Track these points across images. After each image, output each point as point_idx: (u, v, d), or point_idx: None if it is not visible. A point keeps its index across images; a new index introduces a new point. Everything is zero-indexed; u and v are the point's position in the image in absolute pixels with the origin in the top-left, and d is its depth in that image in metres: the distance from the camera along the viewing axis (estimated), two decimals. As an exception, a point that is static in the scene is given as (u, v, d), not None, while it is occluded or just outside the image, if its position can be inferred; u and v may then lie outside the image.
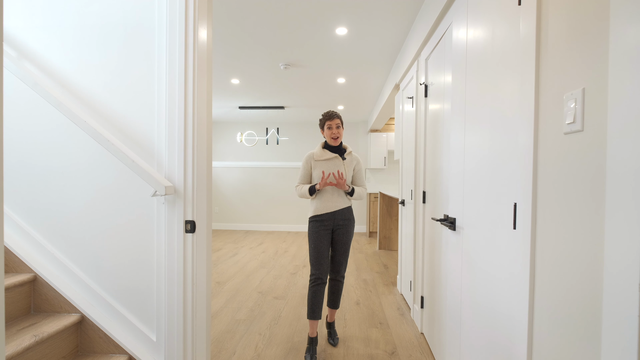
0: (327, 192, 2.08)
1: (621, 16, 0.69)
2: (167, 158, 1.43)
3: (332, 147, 2.12)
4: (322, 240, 2.05)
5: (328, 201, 2.08)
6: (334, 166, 2.08)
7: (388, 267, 4.14)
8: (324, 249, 2.04)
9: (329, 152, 2.10)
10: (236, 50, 3.20)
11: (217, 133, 7.13)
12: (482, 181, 1.31)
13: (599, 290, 0.74)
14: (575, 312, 0.81)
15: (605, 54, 0.74)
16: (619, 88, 0.69)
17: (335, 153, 2.11)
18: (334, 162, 2.10)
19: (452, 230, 1.60)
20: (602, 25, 0.75)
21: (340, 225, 2.10)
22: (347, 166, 2.12)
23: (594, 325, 0.76)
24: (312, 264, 2.05)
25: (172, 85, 1.42)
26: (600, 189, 0.74)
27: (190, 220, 1.42)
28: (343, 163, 2.11)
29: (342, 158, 2.12)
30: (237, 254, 4.85)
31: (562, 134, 0.86)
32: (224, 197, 7.14)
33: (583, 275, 0.79)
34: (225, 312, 2.72)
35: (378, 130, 6.39)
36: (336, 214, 2.09)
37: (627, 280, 0.66)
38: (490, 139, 1.25)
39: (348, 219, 2.13)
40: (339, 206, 2.09)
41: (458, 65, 1.58)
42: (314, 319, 2.05)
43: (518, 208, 1.04)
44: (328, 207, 2.08)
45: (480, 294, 1.32)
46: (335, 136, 2.07)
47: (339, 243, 2.12)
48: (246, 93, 4.79)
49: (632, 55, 0.66)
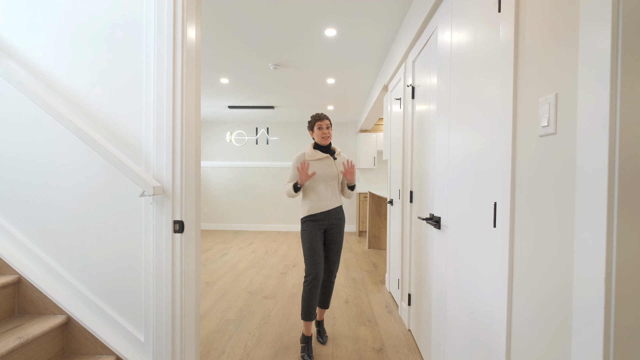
0: (321, 191, 2.11)
1: (589, 27, 0.73)
2: (155, 158, 1.43)
3: (323, 148, 2.16)
4: (317, 239, 2.07)
5: (322, 200, 2.10)
6: (326, 166, 2.12)
7: (377, 266, 4.19)
8: (319, 248, 2.06)
9: (320, 152, 2.14)
10: (225, 50, 3.19)
11: (206, 133, 7.08)
12: (465, 181, 1.36)
13: (570, 285, 0.79)
14: (549, 306, 0.86)
15: (575, 61, 0.78)
16: (587, 94, 0.73)
17: (326, 153, 2.16)
18: (326, 162, 2.13)
19: (437, 229, 1.64)
20: (573, 34, 0.79)
21: (334, 224, 2.13)
22: (339, 166, 2.17)
23: (566, 318, 0.80)
24: (309, 263, 2.04)
25: (161, 85, 1.42)
26: (572, 190, 0.78)
27: (179, 220, 1.42)
28: (334, 163, 2.15)
29: (333, 158, 2.17)
30: (226, 254, 4.83)
31: (538, 137, 0.91)
32: (213, 197, 7.09)
33: (556, 272, 0.83)
34: (215, 312, 2.71)
35: (367, 130, 6.45)
36: (330, 213, 2.12)
37: (595, 275, 0.70)
38: (472, 140, 1.29)
39: (341, 218, 2.17)
40: (333, 205, 2.12)
41: (443, 68, 1.62)
42: (309, 320, 2.06)
43: (498, 207, 1.09)
44: (322, 206, 2.10)
45: (463, 291, 1.36)
46: (326, 136, 2.12)
47: (332, 243, 2.15)
48: (236, 92, 4.77)
49: (598, 63, 0.70)
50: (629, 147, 0.67)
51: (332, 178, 2.13)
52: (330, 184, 2.13)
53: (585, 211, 0.72)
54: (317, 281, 2.02)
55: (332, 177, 2.13)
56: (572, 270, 0.78)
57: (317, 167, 2.11)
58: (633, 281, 0.67)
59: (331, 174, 2.12)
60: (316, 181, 2.11)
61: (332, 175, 2.13)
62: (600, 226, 0.68)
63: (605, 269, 0.68)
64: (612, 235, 0.67)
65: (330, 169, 2.12)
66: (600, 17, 0.70)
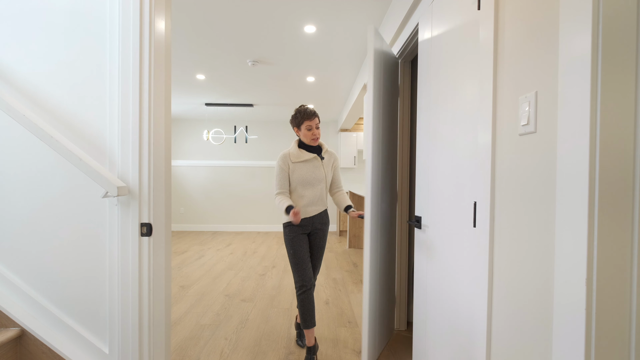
0: (307, 196, 1.95)
1: (569, 26, 0.72)
2: (120, 156, 1.33)
3: (309, 147, 1.98)
4: (302, 245, 1.94)
5: (307, 206, 1.97)
6: (313, 168, 1.94)
7: (357, 266, 4.19)
8: (304, 254, 1.94)
9: (306, 152, 1.95)
10: (202, 46, 3.07)
11: (182, 131, 6.85)
12: (446, 180, 1.35)
13: (550, 286, 0.78)
14: (530, 308, 0.85)
15: (555, 60, 0.77)
16: (567, 93, 0.72)
17: (312, 153, 1.97)
18: (313, 163, 1.96)
19: (418, 228, 1.63)
20: (553, 32, 0.78)
21: (317, 229, 2.02)
22: (327, 167, 2.01)
23: (546, 320, 0.79)
24: (296, 271, 1.92)
25: (126, 78, 1.32)
26: (552, 190, 0.77)
27: (147, 222, 1.33)
28: (322, 164, 1.99)
29: (320, 158, 1.99)
30: (203, 256, 4.68)
31: (518, 135, 0.90)
32: (190, 198, 6.87)
33: (536, 273, 0.82)
34: (190, 318, 2.60)
35: (348, 129, 6.45)
36: (315, 218, 2.00)
37: (576, 277, 0.69)
38: (453, 139, 1.28)
39: (325, 222, 2.06)
40: (318, 210, 2.00)
41: (423, 66, 1.61)
42: (309, 327, 1.92)
43: (478, 206, 1.07)
44: (307, 212, 1.97)
45: (444, 291, 1.35)
46: (316, 137, 1.92)
47: (315, 248, 2.04)
48: (213, 89, 4.63)
49: (579, 62, 0.69)
50: (610, 147, 0.66)
51: (319, 181, 1.96)
52: (318, 188, 1.97)
53: (566, 211, 0.71)
54: (306, 288, 1.91)
55: (319, 181, 1.96)
56: (553, 271, 0.77)
57: (302, 170, 1.93)
58: (614, 282, 0.67)
59: (318, 177, 1.95)
60: (302, 186, 1.95)
61: (319, 178, 1.96)
62: (581, 227, 0.67)
63: (587, 270, 0.67)
64: (593, 236, 0.66)
65: (317, 172, 1.95)
66: (581, 16, 0.69)
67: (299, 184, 1.94)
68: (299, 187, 1.94)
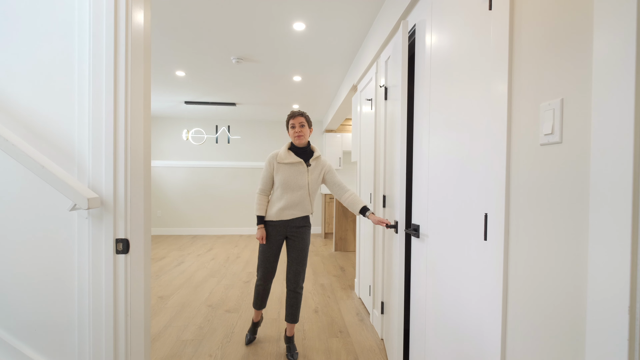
0: (286, 199, 1.93)
1: (606, 24, 0.65)
2: (91, 162, 1.17)
3: (299, 150, 1.96)
4: (271, 246, 2.00)
5: (285, 209, 1.95)
6: (298, 173, 1.93)
7: (345, 270, 4.11)
8: (270, 254, 2.01)
9: (293, 155, 1.95)
10: (182, 40, 2.89)
11: (159, 130, 6.55)
12: (448, 188, 1.28)
13: (581, 310, 0.71)
14: (554, 332, 0.78)
15: (587, 63, 0.71)
16: (603, 99, 0.65)
17: (300, 157, 1.96)
18: (298, 168, 1.94)
19: (416, 237, 1.55)
20: (583, 34, 0.72)
21: (293, 232, 2.00)
22: (312, 174, 1.97)
23: (575, 348, 0.73)
24: (259, 267, 2.07)
25: (98, 73, 1.17)
26: (582, 203, 0.71)
27: (123, 238, 1.18)
28: (307, 170, 1.95)
29: (307, 164, 1.96)
30: (183, 262, 4.46)
31: (538, 145, 0.83)
32: (167, 200, 6.58)
33: (562, 293, 0.75)
34: (170, 332, 2.43)
35: (333, 130, 6.37)
36: (292, 223, 1.99)
37: (615, 303, 0.63)
38: (458, 147, 1.21)
39: (303, 225, 2.02)
40: (295, 215, 1.98)
41: (421, 69, 1.54)
42: (259, 308, 2.18)
43: (489, 219, 1.01)
44: (283, 215, 1.96)
45: (446, 305, 1.28)
46: (299, 134, 1.93)
47: (294, 250, 2.00)
48: (193, 87, 4.42)
49: (619, 65, 0.62)
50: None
51: (301, 187, 1.93)
52: (299, 193, 1.94)
53: (602, 227, 0.65)
54: (266, 280, 2.07)
55: (300, 187, 1.93)
56: (585, 295, 0.70)
57: (286, 172, 1.92)
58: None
59: (300, 184, 1.93)
60: (283, 188, 1.93)
61: (301, 184, 1.93)
62: (623, 242, 0.61)
63: (630, 297, 0.60)
64: (637, 254, 0.60)
65: (301, 177, 1.93)
66: (622, 13, 0.62)
67: (280, 186, 1.95)
68: (280, 188, 1.96)
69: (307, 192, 1.97)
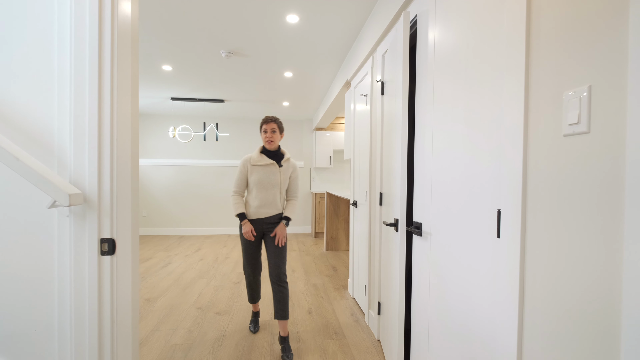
0: (261, 198, 2.13)
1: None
2: (72, 156, 1.07)
3: (270, 153, 2.17)
4: (252, 243, 2.21)
5: (260, 207, 2.15)
6: (270, 173, 2.13)
7: (337, 270, 4.05)
8: (253, 250, 2.23)
9: (266, 157, 2.15)
10: (169, 31, 2.76)
11: (145, 127, 6.34)
12: (454, 185, 1.23)
13: (615, 315, 0.67)
14: (581, 336, 0.73)
15: (621, 45, 0.66)
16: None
17: (272, 159, 2.16)
18: (270, 169, 2.14)
19: (418, 235, 1.51)
20: (616, 12, 0.67)
21: (269, 229, 2.18)
22: (283, 174, 2.18)
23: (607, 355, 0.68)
24: (244, 262, 2.27)
25: (80, 61, 1.07)
26: (615, 198, 0.66)
27: (108, 238, 1.08)
28: (279, 170, 2.16)
29: (278, 165, 2.17)
30: (170, 263, 4.32)
31: (561, 136, 0.79)
32: (153, 199, 6.38)
33: (591, 296, 0.71)
34: (158, 337, 2.32)
35: (323, 128, 6.31)
36: (267, 221, 2.18)
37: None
38: (465, 141, 1.17)
39: (278, 221, 2.20)
40: (269, 213, 2.17)
41: (424, 62, 1.49)
42: (254, 302, 2.36)
43: (503, 215, 0.96)
44: (258, 213, 2.16)
45: (452, 306, 1.23)
46: (270, 140, 2.12)
47: (271, 245, 2.16)
48: (181, 82, 4.27)
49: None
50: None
51: (274, 186, 2.15)
52: (271, 192, 2.15)
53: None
54: (254, 275, 2.28)
55: (273, 185, 2.15)
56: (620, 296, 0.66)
57: (260, 173, 2.13)
58: None
59: (273, 182, 2.14)
60: (257, 188, 2.13)
61: (274, 183, 2.14)
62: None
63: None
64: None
65: (273, 177, 2.14)
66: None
67: (254, 186, 2.14)
68: (255, 188, 2.14)
69: (279, 190, 2.17)
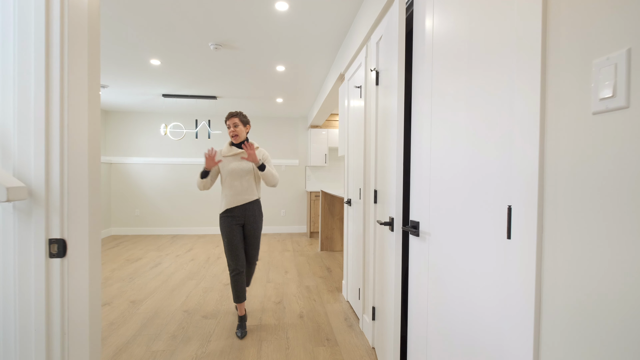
0: (236, 186, 2.27)
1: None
2: (16, 144, 0.93)
3: (239, 145, 2.34)
4: (235, 234, 2.27)
5: (237, 195, 2.27)
6: (242, 161, 2.30)
7: (331, 271, 3.92)
8: (237, 242, 2.27)
9: (235, 148, 2.33)
10: (154, 22, 2.61)
11: (137, 125, 6.17)
12: (456, 180, 1.09)
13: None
14: (619, 351, 0.60)
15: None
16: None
17: (241, 149, 2.33)
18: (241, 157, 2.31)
19: (415, 235, 1.37)
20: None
21: (250, 220, 2.32)
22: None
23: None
24: (229, 257, 2.27)
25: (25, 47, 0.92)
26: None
27: (58, 238, 0.94)
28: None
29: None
30: (160, 263, 4.17)
31: (590, 114, 0.65)
32: (146, 198, 6.22)
33: (629, 310, 0.58)
34: (139, 342, 2.17)
35: (318, 126, 6.17)
36: (247, 209, 2.30)
37: None
38: (468, 132, 1.03)
39: (257, 214, 2.35)
40: (248, 199, 2.30)
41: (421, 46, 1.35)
42: (240, 302, 2.31)
43: (514, 212, 0.82)
44: (238, 200, 2.27)
45: (453, 313, 1.10)
46: (234, 134, 2.30)
47: (250, 237, 2.34)
48: (171, 78, 4.12)
49: None
50: None
51: (247, 173, 2.30)
52: (246, 179, 2.30)
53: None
54: (239, 272, 2.28)
55: (247, 172, 2.29)
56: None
57: (232, 163, 2.28)
58: None
59: (245, 169, 2.29)
60: (231, 177, 2.27)
61: (247, 169, 2.29)
62: None
63: None
64: None
65: (245, 164, 2.29)
66: None
67: (228, 176, 2.28)
68: (229, 178, 2.28)
69: (253, 175, 2.33)
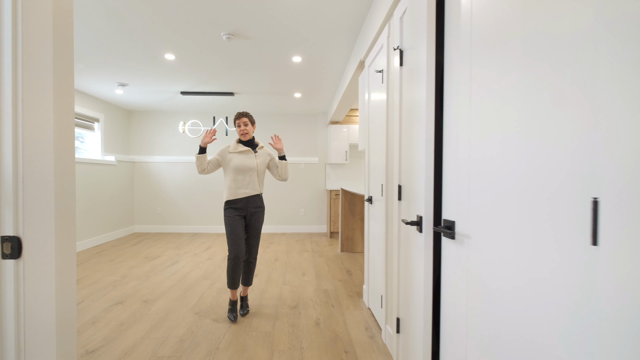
0: (239, 180, 2.41)
1: None
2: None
3: (245, 143, 2.50)
4: (237, 224, 2.39)
5: (239, 188, 2.41)
6: (246, 158, 2.44)
7: (352, 274, 3.68)
8: (238, 231, 2.38)
9: (242, 145, 2.49)
10: (163, 13, 2.50)
11: (158, 124, 6.22)
12: (503, 168, 0.85)
13: None
14: None
15: None
16: None
17: (248, 147, 2.49)
18: (247, 154, 2.46)
19: (450, 238, 1.13)
20: None
21: (252, 212, 2.46)
22: (259, 158, 2.50)
23: None
24: (230, 244, 2.38)
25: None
26: None
27: (12, 236, 0.79)
28: (255, 155, 2.48)
29: (254, 151, 2.49)
30: (177, 262, 4.11)
31: None
32: (167, 197, 6.25)
33: None
34: (145, 346, 2.05)
35: (339, 122, 5.95)
36: (249, 202, 2.43)
37: None
38: (525, 123, 0.78)
39: (260, 206, 2.49)
40: (249, 193, 2.43)
41: (455, 16, 1.11)
42: (234, 288, 2.43)
43: (602, 207, 0.58)
44: (239, 193, 2.41)
45: (503, 334, 0.85)
46: (244, 132, 2.46)
47: (252, 228, 2.48)
48: (187, 74, 4.05)
49: None
50: None
51: (251, 169, 2.44)
52: (249, 174, 2.43)
53: None
54: (238, 259, 2.37)
55: (250, 168, 2.44)
56: None
57: (238, 159, 2.43)
58: None
59: (249, 165, 2.43)
60: (236, 172, 2.41)
61: (251, 166, 2.44)
62: None
63: None
64: None
65: (250, 161, 2.44)
66: None
67: (233, 170, 2.42)
68: (233, 172, 2.42)
69: (256, 172, 2.46)
